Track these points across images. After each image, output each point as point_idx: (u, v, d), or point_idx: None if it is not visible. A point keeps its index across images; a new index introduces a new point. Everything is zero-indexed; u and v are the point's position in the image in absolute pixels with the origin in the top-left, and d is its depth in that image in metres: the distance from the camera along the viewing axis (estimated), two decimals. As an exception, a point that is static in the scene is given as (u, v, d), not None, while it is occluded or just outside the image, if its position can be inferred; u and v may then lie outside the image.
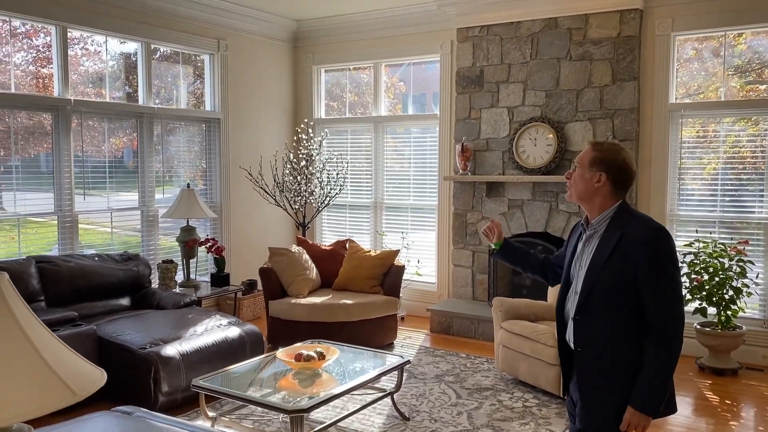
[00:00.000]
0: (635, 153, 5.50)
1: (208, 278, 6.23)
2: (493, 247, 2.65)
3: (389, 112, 7.08)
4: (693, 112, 5.47)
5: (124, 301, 5.13)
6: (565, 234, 5.72)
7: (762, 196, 5.20)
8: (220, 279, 5.94)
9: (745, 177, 5.29)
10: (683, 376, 4.88)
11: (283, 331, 5.37)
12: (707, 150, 5.47)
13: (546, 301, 5.04)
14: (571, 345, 2.30)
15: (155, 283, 5.66)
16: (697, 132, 5.51)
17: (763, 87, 5.30)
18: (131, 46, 5.87)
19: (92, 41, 5.60)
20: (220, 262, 5.99)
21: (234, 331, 4.61)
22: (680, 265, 2.29)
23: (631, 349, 2.15)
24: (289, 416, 3.22)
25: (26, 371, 1.26)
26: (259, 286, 6.66)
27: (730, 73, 5.39)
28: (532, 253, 2.68)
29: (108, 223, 5.76)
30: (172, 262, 5.67)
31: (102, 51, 5.68)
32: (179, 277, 5.81)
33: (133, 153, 5.93)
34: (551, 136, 5.75)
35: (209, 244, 5.90)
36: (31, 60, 5.17)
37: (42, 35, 5.21)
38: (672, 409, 2.23)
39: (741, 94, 5.37)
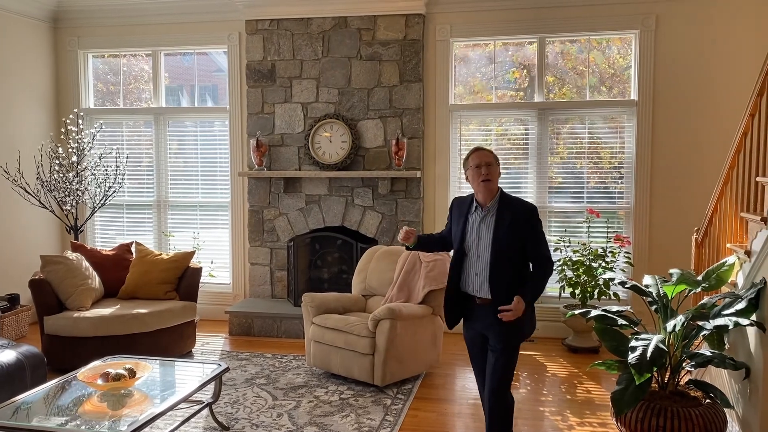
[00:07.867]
0: (421, 150, 5.88)
1: (-44, 296, 5.24)
2: (409, 246, 3.32)
3: (170, 104, 6.62)
4: (469, 113, 6.01)
5: None
6: (361, 227, 5.91)
7: (527, 184, 5.92)
8: (-25, 296, 5.02)
9: (513, 169, 5.97)
10: (549, 353, 5.35)
11: (65, 350, 4.74)
12: (484, 145, 6.04)
13: (351, 293, 5.15)
14: (470, 293, 3.15)
15: None
16: (471, 130, 6.05)
17: (525, 91, 6.02)
18: None
19: None
20: (-26, 276, 5.07)
21: (9, 355, 3.93)
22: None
23: (520, 284, 3.10)
24: (108, 445, 2.85)
25: None
26: (23, 301, 5.81)
27: (499, 76, 6.03)
28: (434, 236, 3.44)
29: None
30: None
31: None
32: None
33: None
34: (345, 133, 5.88)
35: (-40, 255, 4.95)
36: None
37: None
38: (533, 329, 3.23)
39: (508, 96, 6.04)
